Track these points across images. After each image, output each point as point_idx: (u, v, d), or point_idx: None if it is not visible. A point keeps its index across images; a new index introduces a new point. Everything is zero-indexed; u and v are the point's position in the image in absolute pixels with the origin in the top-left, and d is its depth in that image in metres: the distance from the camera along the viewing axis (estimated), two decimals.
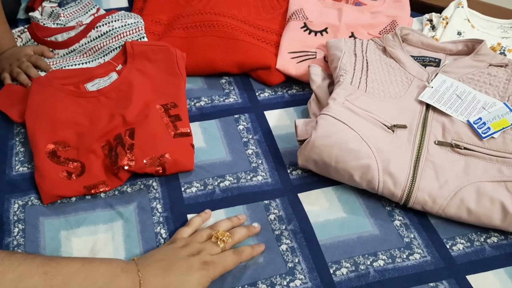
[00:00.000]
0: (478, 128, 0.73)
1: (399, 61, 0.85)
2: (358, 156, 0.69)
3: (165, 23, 1.03)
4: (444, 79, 0.79)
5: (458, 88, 0.79)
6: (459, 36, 0.99)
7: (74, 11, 1.06)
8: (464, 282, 0.64)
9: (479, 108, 0.76)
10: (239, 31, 0.98)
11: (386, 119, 0.75)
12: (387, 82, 0.82)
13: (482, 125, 0.74)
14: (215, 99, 0.90)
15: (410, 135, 0.74)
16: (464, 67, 0.83)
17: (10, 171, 0.75)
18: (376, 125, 0.74)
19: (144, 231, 0.68)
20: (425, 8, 1.10)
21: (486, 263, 0.66)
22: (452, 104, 0.77)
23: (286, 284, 0.62)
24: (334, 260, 0.65)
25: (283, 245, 0.67)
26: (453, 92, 0.77)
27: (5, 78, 0.88)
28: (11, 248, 0.65)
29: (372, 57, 0.85)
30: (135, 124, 0.77)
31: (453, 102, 0.77)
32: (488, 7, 1.08)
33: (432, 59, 0.88)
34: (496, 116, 0.74)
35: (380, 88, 0.80)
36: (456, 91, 0.78)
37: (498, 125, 0.72)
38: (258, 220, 0.70)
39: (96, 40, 0.94)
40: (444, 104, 0.77)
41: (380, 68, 0.84)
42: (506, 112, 0.74)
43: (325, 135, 0.70)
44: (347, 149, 0.70)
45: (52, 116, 0.79)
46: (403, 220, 0.71)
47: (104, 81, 0.86)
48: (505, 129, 0.72)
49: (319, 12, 1.05)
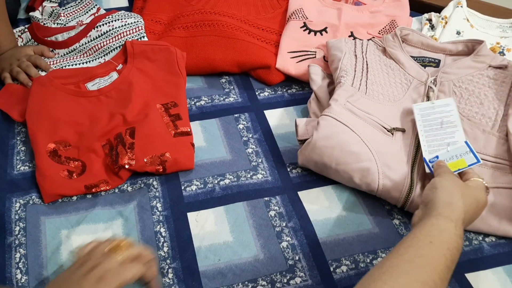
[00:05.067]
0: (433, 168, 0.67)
1: (398, 62, 0.85)
2: (359, 159, 0.70)
3: (165, 22, 1.03)
4: (448, 103, 0.75)
5: (449, 116, 0.74)
6: (458, 36, 0.99)
7: (74, 11, 1.06)
8: (463, 281, 0.64)
9: (444, 144, 0.71)
10: (239, 30, 0.98)
11: (386, 122, 0.75)
12: (386, 84, 0.81)
13: None
14: (215, 99, 0.90)
15: (407, 139, 0.74)
16: (464, 68, 0.82)
17: (11, 170, 0.76)
18: (376, 127, 0.74)
19: (144, 230, 0.68)
20: (424, 8, 1.10)
21: (484, 262, 0.66)
22: (431, 129, 0.73)
23: (286, 282, 0.63)
24: (334, 258, 0.66)
25: (284, 242, 0.67)
26: (442, 117, 0.74)
27: (5, 77, 0.88)
28: (13, 248, 0.65)
29: (372, 58, 0.85)
30: (136, 123, 0.78)
31: (433, 128, 0.73)
32: (487, 7, 1.08)
33: (432, 59, 0.87)
34: (454, 155, 0.67)
35: (379, 91, 0.80)
36: (445, 117, 0.74)
37: (454, 165, 0.66)
38: (258, 216, 0.70)
39: (96, 40, 0.94)
40: (424, 126, 0.74)
41: (379, 69, 0.83)
42: (465, 152, 0.67)
43: (327, 136, 0.71)
44: (348, 151, 0.70)
45: (53, 115, 0.79)
46: (402, 219, 0.71)
47: (105, 80, 0.87)
48: (459, 171, 0.65)
49: (318, 11, 1.05)
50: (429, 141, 0.72)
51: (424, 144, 0.72)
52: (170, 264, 0.65)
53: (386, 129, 0.74)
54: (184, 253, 0.66)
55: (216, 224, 0.69)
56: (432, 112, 0.74)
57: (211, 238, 0.67)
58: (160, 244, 0.67)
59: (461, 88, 0.80)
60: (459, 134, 0.72)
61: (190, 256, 0.65)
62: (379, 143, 0.72)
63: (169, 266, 0.64)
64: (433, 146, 0.71)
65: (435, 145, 0.71)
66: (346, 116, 0.73)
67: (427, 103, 0.76)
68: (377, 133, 0.74)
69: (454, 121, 0.73)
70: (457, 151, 0.68)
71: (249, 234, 0.68)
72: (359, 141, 0.71)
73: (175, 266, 0.64)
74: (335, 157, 0.70)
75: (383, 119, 0.75)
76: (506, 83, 0.80)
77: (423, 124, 0.74)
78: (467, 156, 0.67)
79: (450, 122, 0.73)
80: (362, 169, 0.69)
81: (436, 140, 0.72)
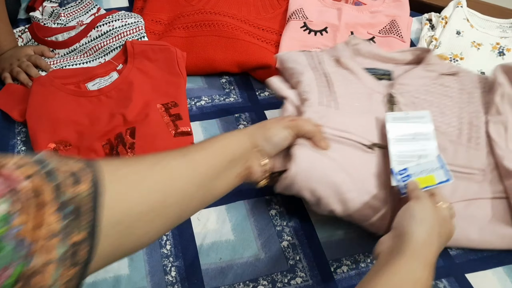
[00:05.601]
0: (401, 181, 0.60)
1: (353, 72, 0.77)
2: (340, 190, 0.62)
3: (165, 22, 1.03)
4: (423, 115, 0.68)
5: (423, 128, 0.67)
6: (458, 36, 0.99)
7: (75, 11, 1.06)
8: (464, 281, 0.64)
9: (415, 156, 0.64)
10: (239, 30, 0.98)
11: (364, 136, 0.68)
12: (353, 95, 0.74)
13: (406, 178, 0.60)
14: (216, 99, 0.91)
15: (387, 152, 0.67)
16: (417, 78, 0.77)
17: None
18: (355, 147, 0.67)
19: None
20: (424, 8, 1.10)
21: (484, 262, 0.66)
22: (402, 139, 0.66)
23: (287, 282, 0.63)
24: (335, 258, 0.66)
25: (284, 241, 0.67)
26: (416, 129, 0.66)
27: (5, 77, 0.88)
28: None
29: (329, 70, 0.77)
30: (136, 123, 0.78)
31: (404, 138, 0.66)
32: (487, 7, 1.08)
33: (384, 71, 0.81)
34: (424, 170, 0.60)
35: (349, 103, 0.72)
36: (419, 129, 0.66)
37: (422, 181, 0.58)
38: (259, 214, 0.70)
39: (96, 40, 0.94)
40: (396, 135, 0.66)
41: (341, 80, 0.76)
42: (435, 167, 0.60)
43: (305, 169, 0.62)
44: (329, 183, 0.62)
45: (53, 115, 0.79)
46: None
47: (105, 80, 0.87)
48: (428, 188, 0.58)
49: (319, 11, 1.05)
50: (399, 151, 0.65)
51: (393, 154, 0.64)
52: (173, 262, 0.65)
53: (366, 146, 0.67)
54: (187, 251, 0.66)
55: (217, 222, 0.69)
56: (406, 122, 0.68)
57: (213, 237, 0.68)
58: (162, 242, 0.67)
59: (419, 99, 0.75)
60: (431, 147, 0.65)
61: (192, 254, 0.65)
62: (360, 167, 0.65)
63: (172, 264, 0.64)
64: (403, 157, 0.64)
65: (405, 155, 0.64)
66: None
67: (401, 113, 0.69)
68: (357, 153, 0.66)
69: (428, 133, 0.66)
70: (427, 165, 0.61)
71: (250, 233, 0.68)
72: (340, 170, 0.63)
73: (178, 265, 0.64)
74: (316, 190, 0.62)
75: (362, 133, 0.68)
76: (465, 90, 0.77)
77: (395, 133, 0.66)
78: (437, 172, 0.60)
79: (424, 135, 0.66)
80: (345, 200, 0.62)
81: (407, 151, 0.65)
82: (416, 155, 0.64)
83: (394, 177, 0.61)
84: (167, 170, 0.46)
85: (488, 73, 0.89)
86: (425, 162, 0.62)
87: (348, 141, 0.67)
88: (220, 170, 0.53)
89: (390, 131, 0.66)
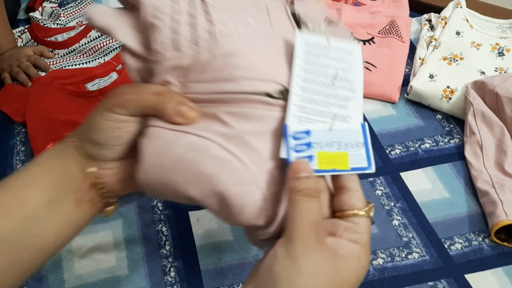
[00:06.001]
0: (295, 150, 0.35)
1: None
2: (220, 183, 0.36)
3: None
4: (352, 49, 0.41)
5: (349, 71, 0.40)
6: (458, 36, 0.99)
7: (74, 11, 1.06)
8: (463, 281, 0.64)
9: (328, 114, 0.38)
10: None
11: (268, 76, 0.37)
12: (237, 8, 0.39)
13: (302, 148, 0.36)
14: None
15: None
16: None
17: (11, 170, 0.76)
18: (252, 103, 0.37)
19: (145, 228, 0.68)
20: (424, 8, 1.10)
21: (484, 262, 0.66)
22: (314, 81, 0.38)
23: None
24: None
25: None
26: (337, 69, 0.39)
27: (5, 78, 0.88)
28: None
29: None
30: None
31: (318, 80, 0.38)
32: (487, 7, 1.08)
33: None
34: (337, 142, 0.36)
35: (233, 21, 0.38)
36: (342, 71, 0.39)
37: (329, 159, 0.35)
38: None
39: (96, 40, 0.94)
40: (306, 70, 0.38)
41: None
42: (355, 142, 0.36)
43: (159, 163, 0.37)
44: (201, 175, 0.36)
45: (53, 115, 0.79)
46: (401, 220, 0.71)
47: (105, 80, 0.87)
48: (333, 173, 0.36)
49: None
50: (305, 98, 0.37)
51: (294, 101, 0.37)
52: (173, 262, 0.65)
53: (272, 96, 0.36)
54: (186, 252, 0.66)
55: (217, 222, 0.69)
56: (324, 55, 0.40)
57: (212, 237, 0.68)
58: (162, 242, 0.67)
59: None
60: (355, 106, 0.38)
61: (192, 255, 0.65)
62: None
63: (171, 265, 0.64)
64: (309, 110, 0.37)
65: (313, 109, 0.37)
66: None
67: (320, 38, 0.40)
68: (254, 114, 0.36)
69: (355, 81, 0.39)
70: (343, 135, 0.37)
71: None
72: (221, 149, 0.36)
73: (177, 265, 0.64)
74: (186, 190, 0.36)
75: (264, 73, 0.37)
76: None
77: (305, 66, 0.39)
78: (355, 151, 0.36)
79: (348, 81, 0.39)
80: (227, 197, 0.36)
81: (317, 101, 0.38)
82: (330, 113, 0.38)
83: (285, 142, 0.35)
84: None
85: (488, 73, 0.89)
86: (342, 129, 0.37)
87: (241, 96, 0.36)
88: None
89: (298, 59, 0.39)
